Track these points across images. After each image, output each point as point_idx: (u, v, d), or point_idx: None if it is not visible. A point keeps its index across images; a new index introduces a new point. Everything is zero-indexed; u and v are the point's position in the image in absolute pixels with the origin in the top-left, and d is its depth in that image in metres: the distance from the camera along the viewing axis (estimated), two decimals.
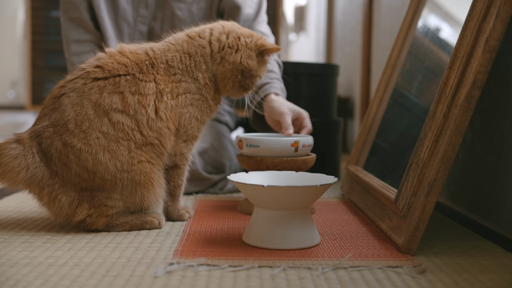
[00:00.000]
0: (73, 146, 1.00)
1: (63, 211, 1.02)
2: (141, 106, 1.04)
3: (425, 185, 0.92)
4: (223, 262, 0.85)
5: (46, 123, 1.03)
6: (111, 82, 1.04)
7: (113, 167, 1.01)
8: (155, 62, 1.09)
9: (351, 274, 0.81)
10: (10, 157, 0.99)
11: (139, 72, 1.06)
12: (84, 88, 1.03)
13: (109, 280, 0.77)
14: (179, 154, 1.13)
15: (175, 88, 1.09)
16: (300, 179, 1.05)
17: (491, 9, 0.92)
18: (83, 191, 1.02)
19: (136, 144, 1.03)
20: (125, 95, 1.03)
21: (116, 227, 1.05)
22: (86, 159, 1.00)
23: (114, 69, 1.05)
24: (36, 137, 1.02)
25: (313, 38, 4.73)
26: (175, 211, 1.15)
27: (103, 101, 1.02)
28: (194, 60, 1.12)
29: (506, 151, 1.03)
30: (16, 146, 1.00)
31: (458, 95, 0.92)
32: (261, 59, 1.18)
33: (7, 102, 8.38)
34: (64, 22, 1.58)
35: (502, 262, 0.89)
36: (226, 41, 1.14)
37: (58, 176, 1.01)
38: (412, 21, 1.44)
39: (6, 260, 0.85)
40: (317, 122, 1.67)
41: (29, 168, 1.00)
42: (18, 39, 7.51)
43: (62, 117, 1.01)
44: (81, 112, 1.01)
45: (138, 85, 1.05)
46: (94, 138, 1.00)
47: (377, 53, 2.36)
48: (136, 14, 1.54)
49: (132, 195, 1.04)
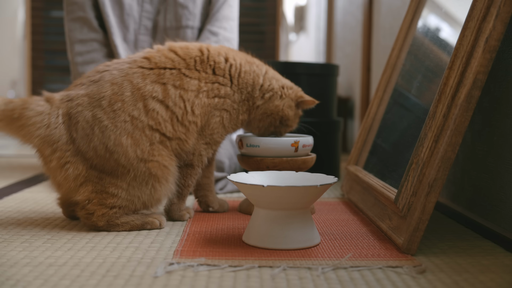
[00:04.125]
0: (102, 121, 1.02)
1: (67, 183, 1.02)
2: (181, 100, 1.07)
3: (425, 185, 0.92)
4: (223, 262, 0.85)
5: (82, 92, 1.05)
6: (155, 73, 1.07)
7: (133, 153, 1.02)
8: (205, 60, 1.12)
9: (351, 274, 0.81)
10: (35, 112, 1.01)
11: (185, 67, 1.10)
12: (128, 70, 1.07)
13: (109, 280, 0.77)
14: (198, 154, 1.13)
15: (216, 89, 1.12)
16: (300, 179, 1.05)
17: (491, 9, 0.92)
18: (92, 169, 1.02)
19: (162, 136, 1.05)
20: (168, 87, 1.07)
21: (117, 227, 1.05)
22: (109, 136, 1.01)
23: (160, 62, 1.09)
24: (68, 101, 1.04)
25: (313, 38, 4.73)
26: (177, 210, 1.15)
27: (144, 86, 1.05)
28: (246, 77, 1.16)
29: (506, 151, 1.03)
30: (44, 104, 1.03)
31: (458, 95, 0.92)
32: (297, 112, 1.22)
33: None
34: (68, 23, 1.59)
35: (502, 262, 0.89)
36: (275, 84, 1.19)
37: (74, 144, 1.02)
38: (412, 21, 1.44)
39: (6, 260, 0.85)
40: (317, 122, 1.67)
41: (49, 126, 1.01)
42: (18, 39, 7.51)
43: (99, 92, 1.04)
44: (117, 92, 1.04)
45: (182, 80, 1.08)
46: (122, 121, 1.02)
47: (377, 53, 2.36)
48: (141, 10, 1.56)
49: (141, 187, 1.03)
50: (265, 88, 1.18)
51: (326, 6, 3.82)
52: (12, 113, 1.01)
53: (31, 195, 1.45)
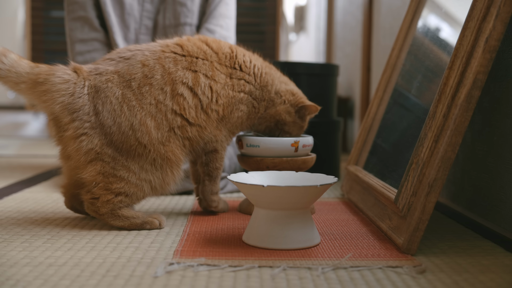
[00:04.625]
0: (131, 100, 1.04)
1: (77, 155, 1.02)
2: (210, 90, 1.11)
3: (425, 185, 0.92)
4: (223, 262, 0.85)
5: (111, 68, 1.06)
6: (187, 60, 1.11)
7: (156, 134, 1.04)
8: (234, 57, 1.17)
9: (351, 274, 0.81)
10: (61, 79, 1.02)
11: (217, 61, 1.14)
12: (160, 54, 1.09)
13: (109, 280, 0.77)
14: (220, 141, 1.16)
15: (242, 85, 1.16)
16: (300, 179, 1.05)
17: (491, 9, 0.92)
18: (108, 146, 1.02)
19: (184, 121, 1.07)
20: (199, 75, 1.10)
21: (117, 219, 1.04)
22: (136, 115, 1.03)
23: (193, 52, 1.12)
24: (96, 74, 1.05)
25: (313, 38, 4.73)
26: (209, 192, 1.18)
27: (175, 72, 1.08)
28: (266, 78, 1.21)
29: (506, 151, 1.03)
30: (71, 73, 1.04)
31: (458, 95, 0.92)
32: (296, 119, 1.23)
33: (7, 102, 8.38)
34: (68, 23, 1.59)
35: (502, 262, 0.89)
36: (284, 87, 1.23)
37: (96, 117, 1.02)
38: (412, 21, 1.44)
39: (6, 260, 0.85)
40: (317, 122, 1.67)
41: (73, 95, 1.02)
42: (18, 39, 7.50)
43: (129, 72, 1.06)
44: (148, 75, 1.06)
45: (214, 71, 1.12)
46: (147, 103, 1.04)
47: (377, 53, 2.36)
48: (142, 9, 1.57)
49: (154, 170, 1.04)
50: (276, 90, 1.21)
51: (326, 6, 3.82)
52: (37, 77, 1.01)
53: (31, 195, 1.45)
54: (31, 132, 4.21)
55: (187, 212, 1.25)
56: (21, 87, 1.02)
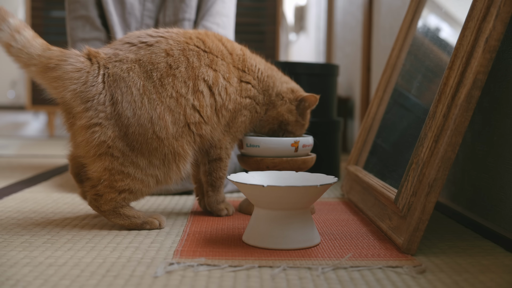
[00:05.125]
0: (151, 93, 1.02)
1: (87, 146, 1.00)
2: (225, 93, 1.11)
3: (425, 185, 0.92)
4: (223, 262, 0.85)
5: (132, 56, 1.04)
6: (209, 57, 1.10)
7: (172, 129, 1.03)
8: (244, 60, 1.17)
9: (351, 274, 0.81)
10: (73, 67, 1.00)
11: (232, 63, 1.14)
12: (185, 46, 1.08)
13: (109, 280, 0.77)
14: (224, 147, 1.16)
15: (249, 90, 1.17)
16: (300, 179, 1.05)
17: (491, 9, 0.92)
18: (120, 139, 1.00)
19: (201, 118, 1.07)
20: (218, 75, 1.10)
21: (118, 217, 1.04)
22: (155, 108, 1.01)
23: (213, 49, 1.12)
24: (116, 61, 1.02)
25: (313, 38, 4.73)
26: (214, 202, 1.18)
27: (199, 67, 1.07)
28: (268, 81, 1.21)
29: (506, 151, 1.03)
30: (84, 60, 1.01)
31: (458, 95, 0.92)
32: (298, 118, 1.23)
33: (7, 102, 8.38)
34: (70, 22, 1.59)
35: (502, 262, 0.89)
36: (284, 87, 1.23)
37: (113, 106, 1.00)
38: (412, 21, 1.44)
39: (6, 260, 0.85)
40: (317, 122, 1.67)
41: (86, 83, 1.00)
42: None
43: (151, 61, 1.03)
44: (172, 66, 1.04)
45: (230, 73, 1.12)
46: (167, 96, 1.03)
47: (377, 53, 2.36)
48: (143, 9, 1.57)
49: (161, 165, 1.03)
50: (277, 92, 1.22)
51: (326, 6, 3.82)
52: (48, 61, 0.99)
53: (31, 195, 1.45)
54: (31, 132, 4.21)
55: (187, 212, 1.25)
56: (31, 69, 0.99)
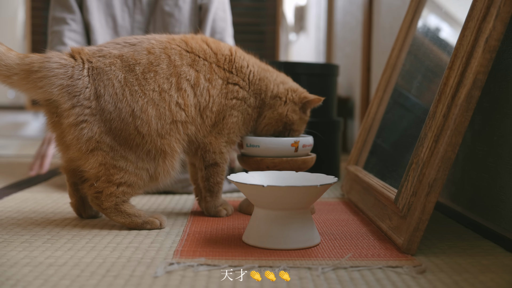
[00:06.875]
0: (133, 85, 1.03)
1: (78, 144, 1.00)
2: (207, 94, 1.11)
3: (425, 185, 0.92)
4: (223, 262, 0.85)
5: (116, 52, 1.05)
6: (191, 57, 1.11)
7: (155, 124, 1.03)
8: (232, 61, 1.17)
9: (351, 274, 0.81)
10: (58, 64, 1.00)
11: (215, 63, 1.14)
12: (167, 44, 1.09)
13: (109, 280, 0.77)
14: (219, 152, 1.16)
15: (236, 91, 1.16)
16: (300, 179, 1.05)
17: (491, 9, 0.92)
18: (107, 134, 1.01)
19: (187, 117, 1.07)
20: (200, 75, 1.10)
21: (119, 215, 1.04)
22: (137, 101, 1.02)
23: (195, 49, 1.13)
24: (100, 56, 1.04)
25: (313, 38, 4.73)
26: (213, 207, 1.18)
27: (180, 66, 1.08)
28: (260, 84, 1.20)
29: (506, 151, 1.03)
30: (67, 58, 1.02)
31: (458, 95, 0.92)
32: (302, 116, 1.24)
33: (7, 102, 8.38)
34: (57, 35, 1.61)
35: (502, 262, 0.89)
36: (282, 88, 1.22)
37: (97, 101, 1.01)
38: (412, 21, 1.44)
39: (6, 260, 0.85)
40: (317, 122, 1.67)
41: (72, 77, 1.00)
42: (18, 39, 7.50)
43: (134, 58, 1.05)
44: (153, 62, 1.06)
45: (212, 75, 1.12)
46: (150, 90, 1.04)
47: (377, 53, 2.36)
48: (133, 21, 1.61)
49: (149, 160, 1.03)
50: (274, 94, 1.21)
51: (326, 6, 3.82)
52: (30, 66, 0.99)
53: (31, 195, 1.45)
54: (31, 132, 4.21)
55: (187, 212, 1.25)
56: (13, 79, 0.99)
